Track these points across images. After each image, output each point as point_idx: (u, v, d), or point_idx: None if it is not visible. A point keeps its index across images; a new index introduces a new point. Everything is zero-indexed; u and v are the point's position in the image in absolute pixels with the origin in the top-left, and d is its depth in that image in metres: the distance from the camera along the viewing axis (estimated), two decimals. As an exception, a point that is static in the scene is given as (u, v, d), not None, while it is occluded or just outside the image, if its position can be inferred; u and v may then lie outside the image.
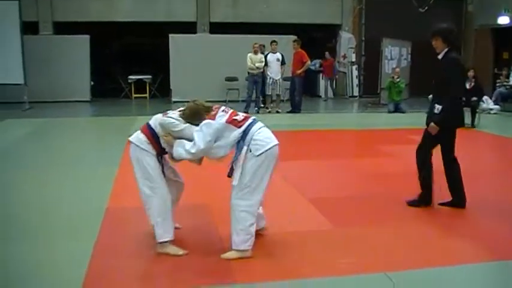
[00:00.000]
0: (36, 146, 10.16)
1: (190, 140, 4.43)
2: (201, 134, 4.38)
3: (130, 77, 19.31)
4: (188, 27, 19.05)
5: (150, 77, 19.45)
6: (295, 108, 15.50)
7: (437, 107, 5.80)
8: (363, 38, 20.78)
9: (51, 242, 4.91)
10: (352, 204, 6.18)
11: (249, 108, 15.21)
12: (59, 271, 4.27)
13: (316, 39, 21.72)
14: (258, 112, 15.33)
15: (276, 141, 4.56)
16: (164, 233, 4.54)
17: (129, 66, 20.47)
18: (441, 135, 5.92)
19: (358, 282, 4.12)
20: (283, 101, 16.11)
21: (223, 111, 4.52)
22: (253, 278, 4.18)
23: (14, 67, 15.40)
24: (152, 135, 4.55)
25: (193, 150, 4.41)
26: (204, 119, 4.45)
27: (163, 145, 4.56)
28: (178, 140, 4.49)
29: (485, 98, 14.88)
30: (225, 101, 17.62)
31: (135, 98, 19.30)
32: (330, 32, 21.35)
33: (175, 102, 16.80)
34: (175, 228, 4.80)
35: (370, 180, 7.28)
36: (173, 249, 4.57)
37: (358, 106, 18.28)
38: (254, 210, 4.52)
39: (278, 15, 19.61)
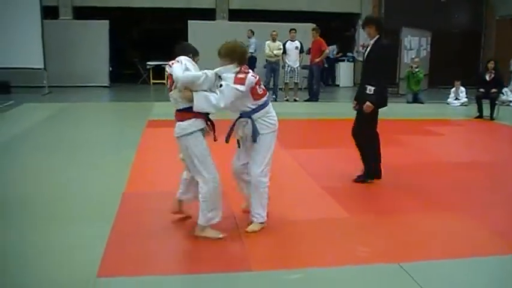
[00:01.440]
0: (54, 130, 10.24)
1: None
2: (228, 94, 4.44)
3: (148, 63, 19.36)
4: (207, 14, 19.04)
5: (168, 63, 19.44)
6: (313, 97, 15.46)
7: (370, 88, 6.27)
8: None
9: (69, 225, 4.97)
10: (368, 194, 6.18)
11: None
12: (75, 254, 4.32)
13: (334, 28, 21.59)
14: (275, 100, 15.30)
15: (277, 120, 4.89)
16: (215, 216, 4.62)
17: (148, 52, 20.51)
18: (371, 112, 6.36)
19: (372, 272, 4.12)
20: (301, 89, 16.05)
21: (252, 76, 4.59)
22: (268, 266, 4.19)
23: (33, 51, 15.49)
24: (189, 112, 4.46)
25: (221, 104, 4.43)
26: (234, 64, 4.56)
27: (178, 99, 4.52)
28: (200, 92, 4.43)
29: (505, 89, 14.73)
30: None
31: (153, 83, 19.36)
32: (349, 20, 21.21)
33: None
34: (188, 217, 4.93)
35: (386, 169, 7.24)
36: (213, 233, 4.63)
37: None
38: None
39: (297, 3, 19.51)
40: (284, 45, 15.18)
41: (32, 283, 3.85)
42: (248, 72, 4.58)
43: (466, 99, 15.06)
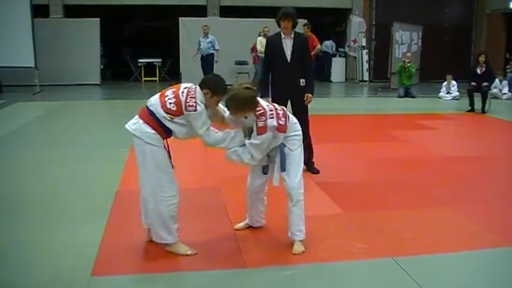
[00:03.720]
0: (46, 129, 10.22)
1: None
2: (257, 148, 4.17)
3: (140, 60, 19.34)
4: (198, 11, 19.00)
5: (159, 60, 19.46)
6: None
7: (302, 80, 6.47)
8: (374, 23, 20.67)
9: (62, 224, 4.97)
10: (361, 189, 6.20)
11: (259, 93, 15.21)
12: (69, 253, 4.31)
13: (326, 23, 21.59)
14: (268, 96, 15.31)
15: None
16: (168, 236, 4.26)
17: (139, 49, 20.48)
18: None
19: (366, 267, 4.14)
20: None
21: (271, 113, 4.15)
22: (262, 263, 4.20)
23: (24, 50, 15.43)
24: (159, 125, 4.06)
25: (253, 163, 4.29)
26: (246, 112, 4.11)
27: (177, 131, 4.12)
28: (232, 151, 4.23)
29: (498, 82, 14.82)
30: (234, 85, 17.64)
31: (145, 81, 19.34)
32: (340, 16, 21.22)
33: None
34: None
35: (379, 164, 7.29)
36: (183, 248, 4.30)
37: (368, 91, 18.21)
38: None
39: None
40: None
41: (25, 283, 3.84)
42: (265, 115, 4.11)
43: (457, 93, 15.12)
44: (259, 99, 4.23)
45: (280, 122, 4.19)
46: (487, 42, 20.41)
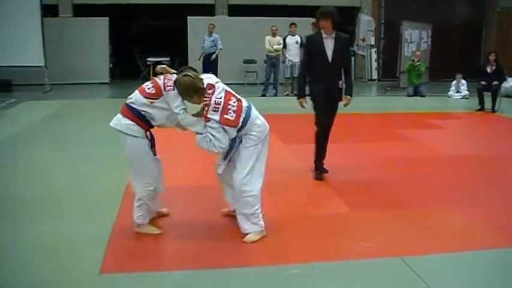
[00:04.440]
0: (55, 127, 10.26)
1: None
2: (217, 138, 4.33)
3: (148, 59, 19.35)
4: (207, 10, 19.01)
5: (168, 59, 19.43)
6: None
7: (341, 82, 6.41)
8: (383, 21, 20.61)
9: (70, 221, 4.98)
10: (369, 188, 6.17)
11: (267, 91, 15.21)
12: (78, 251, 4.34)
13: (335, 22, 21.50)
14: (276, 95, 15.31)
15: (266, 126, 4.61)
16: (141, 217, 4.64)
17: (148, 48, 20.49)
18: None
19: (374, 266, 4.12)
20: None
21: (215, 107, 4.32)
22: (266, 262, 4.21)
23: (34, 49, 15.49)
24: (137, 116, 4.38)
25: (216, 150, 4.42)
26: (193, 98, 4.37)
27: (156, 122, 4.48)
28: (202, 136, 4.39)
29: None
30: (242, 84, 17.66)
31: (154, 80, 19.32)
32: (349, 14, 21.14)
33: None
34: (164, 214, 4.97)
35: (387, 164, 7.26)
36: (151, 229, 4.69)
37: (377, 89, 18.16)
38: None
39: (296, -2, 19.48)
40: (284, 39, 15.16)
41: (35, 280, 3.86)
42: (208, 106, 4.32)
43: (467, 92, 15.04)
44: (213, 88, 4.38)
45: (226, 117, 4.32)
46: (497, 41, 20.29)
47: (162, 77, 4.42)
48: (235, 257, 4.27)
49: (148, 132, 4.50)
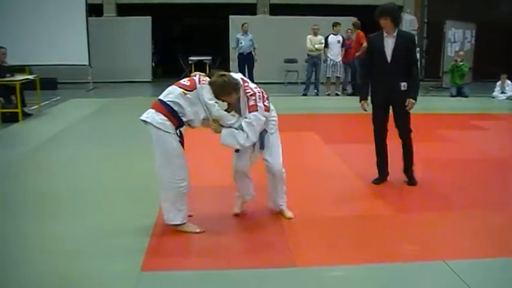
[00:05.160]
0: (99, 124, 10.48)
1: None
2: (252, 129, 4.54)
3: (190, 58, 19.53)
4: (248, 9, 19.07)
5: (210, 58, 19.60)
6: (357, 91, 15.36)
7: (403, 84, 5.98)
8: (426, 20, 20.32)
9: (113, 218, 5.08)
10: (413, 190, 6.09)
11: (308, 91, 15.18)
12: (120, 248, 4.41)
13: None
14: (317, 95, 15.27)
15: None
16: (175, 217, 4.65)
17: (190, 47, 20.67)
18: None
19: (417, 270, 4.09)
20: (342, 83, 15.93)
21: (259, 95, 4.64)
22: (312, 262, 4.19)
23: (79, 49, 15.83)
24: (170, 112, 4.46)
25: (247, 144, 4.58)
26: (231, 96, 4.60)
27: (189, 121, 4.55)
28: (228, 129, 4.56)
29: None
30: (283, 83, 17.66)
31: (195, 78, 19.47)
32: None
33: (234, 83, 16.91)
34: (189, 215, 4.85)
35: (429, 165, 7.17)
36: (192, 227, 4.71)
37: (420, 89, 17.92)
38: None
39: (338, -3, 19.38)
40: (326, 38, 15.11)
41: (77, 276, 3.93)
42: (254, 96, 4.62)
43: (512, 93, 14.77)
44: (246, 81, 4.72)
45: (266, 104, 4.64)
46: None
47: (197, 74, 4.67)
48: (279, 257, 4.27)
49: (178, 131, 4.57)
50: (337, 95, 15.35)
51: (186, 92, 4.49)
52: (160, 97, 4.57)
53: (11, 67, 11.59)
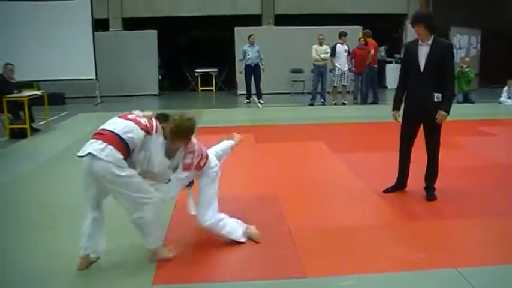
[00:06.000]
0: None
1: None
2: (178, 185, 4.51)
3: (196, 70, 19.62)
4: (253, 20, 19.16)
5: (216, 70, 19.68)
6: (376, 99, 15.39)
7: (437, 95, 5.64)
8: (431, 27, 20.30)
9: (122, 232, 4.97)
10: (423, 198, 6.06)
11: (315, 100, 15.19)
12: (130, 262, 4.42)
13: (381, 30, 21.38)
14: (323, 104, 15.27)
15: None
16: (158, 240, 4.37)
17: (196, 59, 20.77)
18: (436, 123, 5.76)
19: (429, 278, 4.07)
20: (348, 92, 15.92)
21: (198, 154, 4.49)
22: (322, 273, 4.19)
23: (86, 63, 15.89)
24: (126, 148, 4.08)
25: (166, 197, 4.49)
26: (186, 141, 4.41)
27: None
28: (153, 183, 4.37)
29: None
30: (290, 93, 17.68)
31: (202, 90, 19.58)
32: (396, 22, 20.96)
33: (241, 94, 16.95)
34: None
35: (440, 172, 7.15)
36: (165, 252, 4.42)
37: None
38: None
39: (342, 6, 19.41)
40: (334, 48, 15.13)
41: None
42: (193, 153, 4.46)
43: (519, 98, 14.74)
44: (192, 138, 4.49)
45: (201, 163, 4.55)
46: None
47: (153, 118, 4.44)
48: (290, 268, 4.27)
49: None
50: (343, 104, 15.35)
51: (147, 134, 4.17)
52: (116, 131, 4.17)
53: (18, 83, 11.69)
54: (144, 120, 4.26)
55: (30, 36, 15.27)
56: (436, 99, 5.63)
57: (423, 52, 5.68)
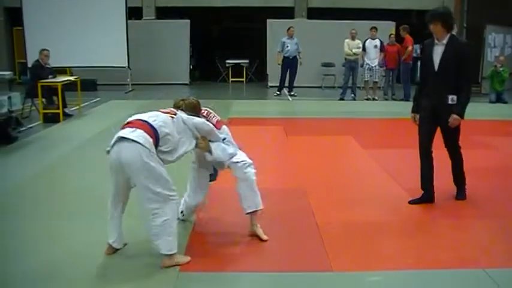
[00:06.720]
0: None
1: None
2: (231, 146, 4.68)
3: (228, 61, 19.66)
4: (286, 13, 19.11)
5: (247, 61, 19.70)
6: (407, 96, 15.27)
7: (452, 97, 5.43)
8: (465, 25, 20.05)
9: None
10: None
11: (345, 95, 15.13)
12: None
13: (414, 26, 21.15)
14: (354, 99, 15.21)
15: None
16: (173, 246, 4.14)
17: (227, 50, 20.81)
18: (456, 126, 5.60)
19: (456, 277, 4.06)
20: (379, 88, 15.82)
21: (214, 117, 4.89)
22: (349, 267, 4.21)
23: (118, 51, 16.11)
24: (156, 137, 4.16)
25: (234, 156, 4.64)
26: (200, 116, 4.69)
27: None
28: (216, 143, 4.58)
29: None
30: (320, 87, 17.64)
31: (232, 82, 19.63)
32: (430, 18, 20.69)
33: (271, 87, 16.97)
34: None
35: (471, 172, 7.07)
36: (182, 258, 4.23)
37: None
38: None
39: (376, 1, 19.24)
40: (364, 43, 15.05)
41: (118, 275, 4.03)
42: (210, 114, 4.92)
43: (554, 100, 14.50)
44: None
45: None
46: None
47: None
48: (316, 261, 4.30)
49: None
50: (374, 99, 15.26)
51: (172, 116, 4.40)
52: (145, 118, 4.32)
53: (53, 68, 11.86)
54: (163, 110, 4.53)
55: (64, 23, 15.58)
56: (450, 101, 5.45)
57: (438, 51, 5.47)
